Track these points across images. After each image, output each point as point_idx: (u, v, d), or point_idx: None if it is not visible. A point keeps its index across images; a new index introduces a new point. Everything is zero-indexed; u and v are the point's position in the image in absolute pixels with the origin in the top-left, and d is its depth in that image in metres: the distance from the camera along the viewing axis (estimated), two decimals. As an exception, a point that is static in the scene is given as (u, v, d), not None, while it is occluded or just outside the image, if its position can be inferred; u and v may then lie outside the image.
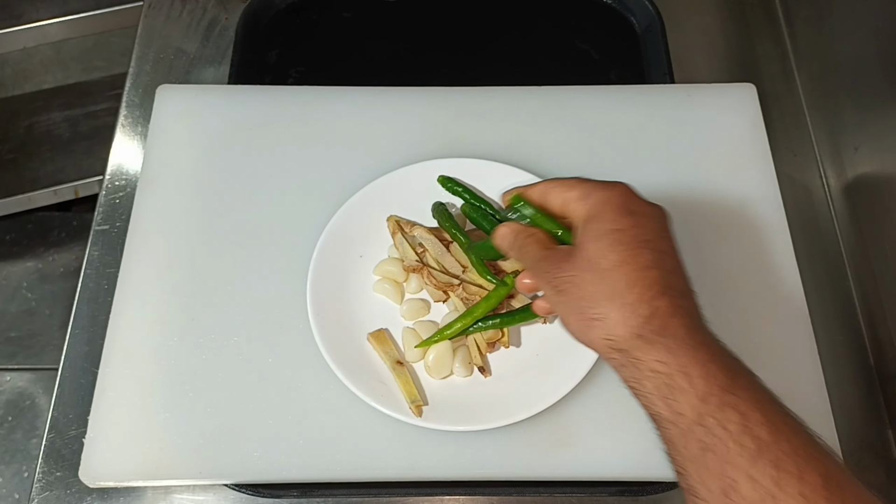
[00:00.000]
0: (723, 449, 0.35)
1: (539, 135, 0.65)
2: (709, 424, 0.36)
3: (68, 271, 1.45)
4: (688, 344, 0.38)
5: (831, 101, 0.70)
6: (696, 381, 0.37)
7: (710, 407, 0.36)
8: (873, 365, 0.61)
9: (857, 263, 0.65)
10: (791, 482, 0.33)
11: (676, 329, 0.38)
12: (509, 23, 0.80)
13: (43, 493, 0.55)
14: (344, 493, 0.54)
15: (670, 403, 0.37)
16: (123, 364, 0.55)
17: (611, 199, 0.43)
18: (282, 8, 0.79)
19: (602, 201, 0.43)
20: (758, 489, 0.34)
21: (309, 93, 0.67)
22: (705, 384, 0.36)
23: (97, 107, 1.36)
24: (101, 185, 0.67)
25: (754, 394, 0.36)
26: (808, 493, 0.33)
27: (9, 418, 1.32)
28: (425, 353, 0.54)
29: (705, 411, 0.36)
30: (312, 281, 0.56)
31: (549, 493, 0.54)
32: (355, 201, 0.59)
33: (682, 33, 0.77)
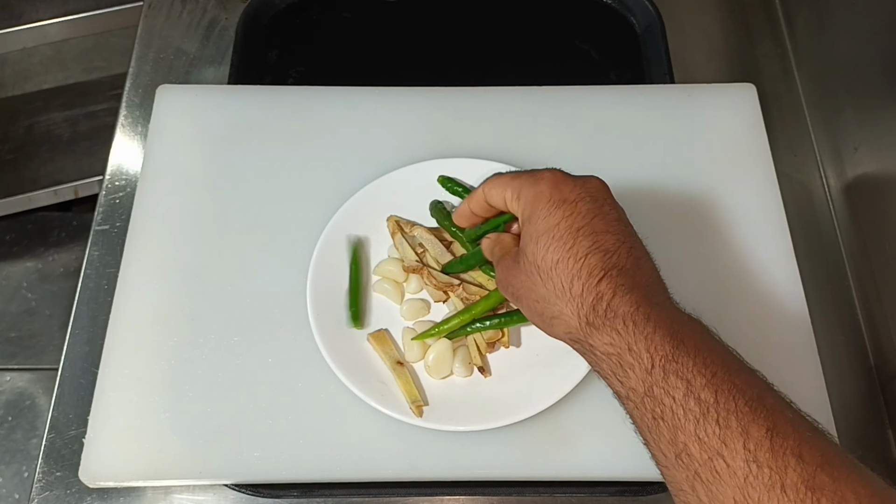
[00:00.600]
0: (671, 415, 0.36)
1: (539, 135, 0.65)
2: (657, 394, 0.37)
3: (68, 271, 1.45)
4: (633, 320, 0.39)
5: (831, 101, 0.70)
6: (642, 354, 0.38)
7: (655, 377, 0.37)
8: (873, 365, 0.61)
9: (857, 263, 0.65)
10: (735, 437, 0.34)
11: (620, 307, 0.40)
12: (509, 23, 0.80)
13: (43, 494, 0.55)
14: (344, 493, 0.54)
15: (623, 381, 0.39)
16: (123, 364, 0.55)
17: (540, 194, 0.44)
18: (282, 8, 0.80)
19: (532, 198, 0.44)
20: (705, 449, 0.35)
21: (309, 93, 0.67)
22: (649, 356, 0.38)
23: (97, 107, 1.36)
24: (101, 185, 0.67)
25: (701, 357, 0.37)
26: (752, 446, 0.33)
27: (9, 418, 1.32)
28: (425, 353, 0.54)
29: (652, 382, 0.37)
30: (312, 281, 0.56)
31: (549, 493, 0.54)
32: (355, 201, 0.59)
33: (682, 33, 0.77)
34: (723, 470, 0.34)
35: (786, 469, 0.33)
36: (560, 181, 0.45)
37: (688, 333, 0.38)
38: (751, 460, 0.33)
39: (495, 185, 0.48)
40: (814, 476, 0.32)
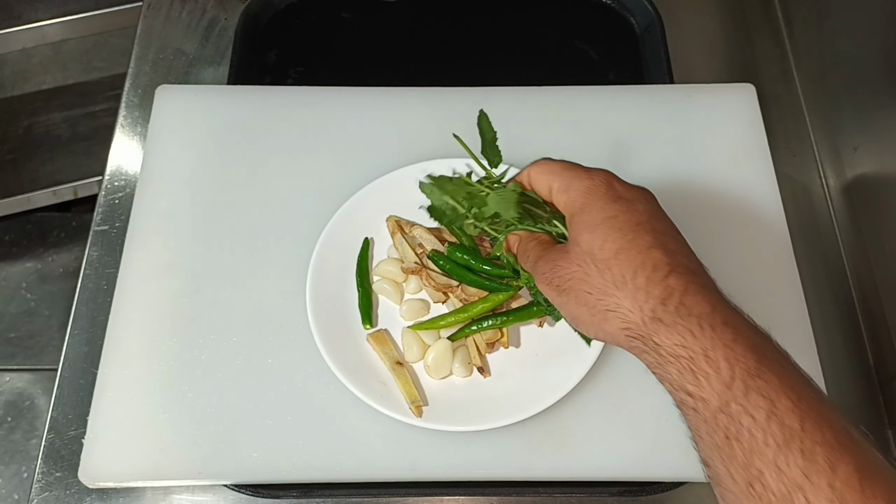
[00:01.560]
0: (748, 437, 0.33)
1: (539, 135, 0.65)
2: (734, 412, 0.33)
3: (67, 272, 1.45)
4: (710, 323, 0.35)
5: (830, 101, 0.71)
6: (721, 364, 0.34)
7: (735, 393, 0.33)
8: (873, 365, 0.61)
9: (857, 263, 0.65)
10: (821, 473, 0.31)
11: (695, 307, 0.36)
12: (509, 23, 0.80)
13: (42, 494, 0.55)
14: (344, 494, 0.54)
15: (694, 389, 0.35)
16: (123, 364, 0.55)
17: (594, 188, 0.42)
18: (281, 8, 0.80)
19: (585, 191, 0.42)
20: (785, 481, 0.31)
21: (308, 93, 0.67)
22: (729, 368, 0.34)
23: (97, 107, 1.36)
24: (101, 186, 0.67)
25: (784, 377, 0.33)
26: (839, 484, 0.30)
27: (8, 419, 1.32)
28: (425, 353, 0.54)
29: (730, 397, 0.33)
30: (312, 281, 0.56)
31: (549, 493, 0.54)
32: (355, 201, 0.59)
33: (681, 34, 0.77)
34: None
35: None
36: (615, 180, 0.43)
37: (767, 348, 0.35)
38: (836, 500, 0.30)
39: (542, 171, 0.45)
40: None
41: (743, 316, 0.37)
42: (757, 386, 0.33)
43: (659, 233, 0.40)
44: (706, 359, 0.35)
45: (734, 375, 0.34)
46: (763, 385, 0.33)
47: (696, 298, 0.36)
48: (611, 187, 0.42)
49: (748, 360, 0.34)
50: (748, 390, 0.33)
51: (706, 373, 0.34)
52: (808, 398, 0.33)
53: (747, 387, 0.33)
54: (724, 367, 0.34)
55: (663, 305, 0.37)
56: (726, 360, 0.34)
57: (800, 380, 0.34)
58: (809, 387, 0.34)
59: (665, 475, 0.53)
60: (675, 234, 0.41)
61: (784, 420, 0.32)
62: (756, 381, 0.33)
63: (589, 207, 0.42)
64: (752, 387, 0.33)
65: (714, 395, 0.34)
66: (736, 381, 0.33)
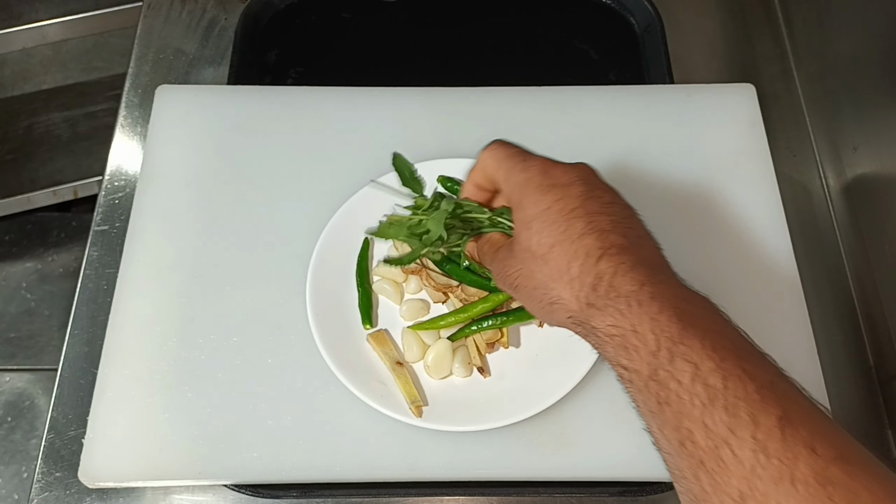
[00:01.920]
0: (676, 401, 0.35)
1: (539, 135, 0.64)
2: (662, 378, 0.35)
3: (67, 272, 1.45)
4: (637, 300, 0.37)
5: (830, 101, 0.71)
6: (647, 336, 0.36)
7: (661, 361, 0.35)
8: (873, 365, 0.61)
9: (857, 263, 0.65)
10: (744, 426, 0.32)
11: (623, 286, 0.38)
12: (509, 23, 0.80)
13: (42, 494, 0.55)
14: (344, 494, 0.54)
15: (627, 363, 0.37)
16: (123, 364, 0.55)
17: (529, 180, 0.43)
18: (281, 8, 0.80)
19: (521, 185, 0.43)
20: (712, 437, 0.33)
21: (308, 93, 0.67)
22: (655, 339, 0.36)
23: (96, 107, 1.36)
24: (101, 186, 0.67)
25: (708, 341, 0.35)
26: (761, 435, 0.32)
27: (8, 419, 1.32)
28: (425, 353, 0.54)
29: (658, 365, 0.36)
30: (312, 281, 0.56)
31: (549, 493, 0.54)
32: (355, 201, 0.59)
33: (681, 34, 0.77)
34: (729, 459, 0.32)
35: (796, 461, 0.31)
36: (549, 166, 0.44)
37: (696, 313, 0.37)
38: (759, 450, 0.32)
39: (489, 162, 0.47)
40: (826, 469, 0.30)
41: (675, 284, 0.39)
42: (681, 352, 0.35)
43: (593, 215, 0.41)
44: (634, 334, 0.37)
45: (660, 345, 0.36)
46: (686, 350, 0.35)
47: (624, 279, 0.38)
48: (545, 175, 0.43)
49: (672, 329, 0.36)
50: (673, 357, 0.35)
51: (636, 346, 0.37)
52: (731, 357, 0.34)
53: (672, 354, 0.35)
54: (651, 338, 0.36)
55: (594, 291, 0.39)
56: (652, 332, 0.36)
57: (728, 340, 0.36)
58: (737, 344, 0.36)
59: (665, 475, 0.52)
60: (611, 210, 0.42)
61: (707, 381, 0.34)
62: (680, 348, 0.35)
63: (525, 202, 0.43)
64: (677, 353, 0.35)
65: (644, 365, 0.36)
66: (661, 349, 0.35)
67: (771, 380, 0.34)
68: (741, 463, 0.32)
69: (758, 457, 0.32)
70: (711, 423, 0.33)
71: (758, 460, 0.31)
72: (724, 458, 0.32)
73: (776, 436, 0.32)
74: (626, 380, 0.38)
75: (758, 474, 0.31)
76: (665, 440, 0.36)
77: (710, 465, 0.33)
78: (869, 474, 0.31)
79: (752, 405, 0.33)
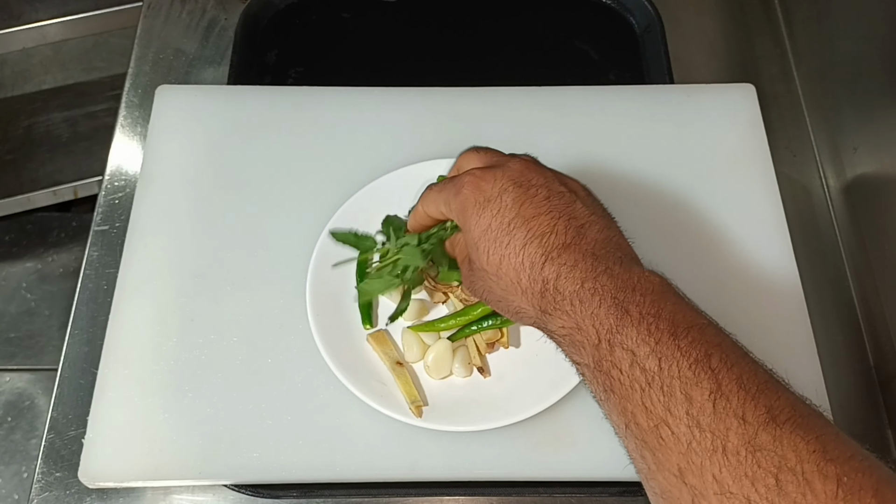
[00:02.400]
0: (619, 387, 0.36)
1: (539, 135, 0.65)
2: (605, 368, 0.37)
3: (68, 272, 1.45)
4: (579, 298, 0.39)
5: (830, 101, 0.71)
6: (588, 331, 0.38)
7: (602, 352, 0.37)
8: (873, 365, 0.61)
9: (857, 263, 0.65)
10: (678, 404, 0.34)
11: (566, 288, 0.40)
12: (509, 23, 0.80)
13: (42, 494, 0.55)
14: (344, 494, 0.54)
15: (578, 358, 0.40)
16: (123, 364, 0.55)
17: (465, 201, 0.44)
18: (281, 8, 0.80)
19: (460, 208, 0.45)
20: (651, 417, 0.35)
21: (308, 93, 0.67)
22: (595, 332, 0.38)
23: (96, 107, 1.36)
24: (101, 186, 0.67)
25: (645, 325, 0.36)
26: (695, 411, 0.33)
27: (8, 419, 1.32)
28: (425, 353, 0.54)
29: (600, 357, 0.37)
30: (312, 281, 0.56)
31: (549, 493, 0.54)
32: (355, 201, 0.59)
33: (681, 34, 0.77)
34: (668, 437, 0.34)
35: (727, 432, 0.32)
36: (479, 179, 0.44)
37: (635, 300, 0.38)
38: (693, 426, 0.33)
39: (430, 201, 0.49)
40: (755, 437, 0.32)
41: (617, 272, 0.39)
42: (619, 341, 0.37)
43: (530, 220, 0.42)
44: (579, 331, 0.39)
45: (600, 338, 0.38)
46: (623, 339, 0.37)
47: (567, 280, 0.40)
48: (478, 191, 0.44)
49: (610, 320, 0.37)
50: (612, 347, 0.37)
51: (581, 342, 0.39)
52: (666, 338, 0.36)
53: (611, 344, 0.37)
54: (592, 332, 0.38)
55: (543, 298, 0.41)
56: (593, 327, 0.38)
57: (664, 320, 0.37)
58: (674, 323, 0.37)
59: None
60: (549, 207, 0.43)
61: (644, 365, 0.35)
62: (617, 337, 0.37)
63: (468, 224, 0.44)
64: (615, 343, 0.37)
65: (590, 358, 0.38)
66: (602, 342, 0.37)
67: (706, 352, 0.35)
68: (679, 440, 0.33)
69: (693, 432, 0.33)
70: (650, 405, 0.35)
71: (693, 435, 0.33)
72: (663, 436, 0.34)
73: (708, 409, 0.33)
74: (580, 374, 0.40)
75: (693, 449, 0.33)
76: (615, 425, 0.38)
77: (652, 443, 0.35)
78: (797, 433, 0.32)
79: (685, 382, 0.34)
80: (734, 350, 0.36)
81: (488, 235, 0.43)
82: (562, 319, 0.40)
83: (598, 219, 0.43)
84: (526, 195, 0.43)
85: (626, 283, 0.39)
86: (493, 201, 0.43)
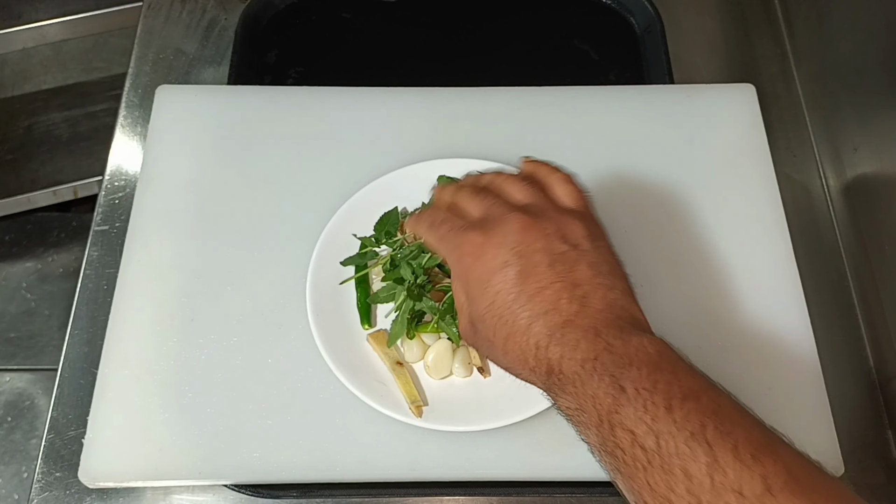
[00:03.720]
0: (624, 467, 0.37)
1: (539, 135, 0.65)
2: (610, 448, 0.38)
3: (68, 272, 1.45)
4: (581, 379, 0.39)
5: (831, 101, 0.70)
6: (591, 412, 0.38)
7: (604, 433, 0.38)
8: (873, 365, 0.61)
9: (857, 263, 0.65)
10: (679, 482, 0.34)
11: (569, 370, 0.40)
12: (509, 23, 0.80)
13: (42, 494, 0.55)
14: (344, 494, 0.54)
15: (585, 438, 0.40)
16: (123, 364, 0.55)
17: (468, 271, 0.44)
18: (281, 8, 0.80)
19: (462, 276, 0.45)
20: (656, 496, 0.35)
21: (308, 93, 0.67)
22: (596, 413, 0.38)
23: (97, 107, 1.36)
24: (101, 186, 0.67)
25: (641, 401, 0.37)
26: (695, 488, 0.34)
27: (8, 419, 1.32)
28: (425, 353, 0.54)
29: (604, 437, 0.38)
30: (312, 281, 0.56)
31: (549, 493, 0.54)
32: (355, 201, 0.59)
33: (681, 34, 0.77)
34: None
35: None
36: (481, 248, 0.43)
37: (631, 376, 0.38)
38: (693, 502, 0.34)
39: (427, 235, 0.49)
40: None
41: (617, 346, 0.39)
42: (618, 421, 0.37)
43: (533, 296, 0.42)
44: (583, 412, 0.39)
45: (601, 419, 0.38)
46: (621, 419, 0.37)
47: (570, 362, 0.40)
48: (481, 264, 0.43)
49: (608, 400, 0.38)
50: (612, 427, 0.37)
51: (586, 422, 0.39)
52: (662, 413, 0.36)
53: (612, 425, 0.37)
54: (594, 413, 0.38)
55: (549, 377, 0.41)
56: (594, 407, 0.38)
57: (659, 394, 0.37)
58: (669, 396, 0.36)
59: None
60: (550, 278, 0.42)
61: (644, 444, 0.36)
62: (616, 417, 0.37)
63: (472, 294, 0.44)
64: (615, 423, 0.37)
65: (595, 438, 0.39)
66: (603, 423, 0.38)
67: (703, 422, 0.35)
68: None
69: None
70: (654, 483, 0.35)
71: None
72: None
73: (707, 485, 0.33)
74: (591, 453, 0.40)
75: None
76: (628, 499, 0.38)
77: None
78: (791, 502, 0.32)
79: (683, 458, 0.34)
80: (731, 415, 0.36)
81: (493, 311, 0.42)
82: (567, 400, 0.40)
83: (602, 279, 0.43)
84: (528, 266, 0.42)
85: (623, 358, 0.39)
86: (497, 275, 0.42)
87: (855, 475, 0.56)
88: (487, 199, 0.47)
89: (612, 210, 0.47)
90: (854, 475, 0.55)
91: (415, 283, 0.52)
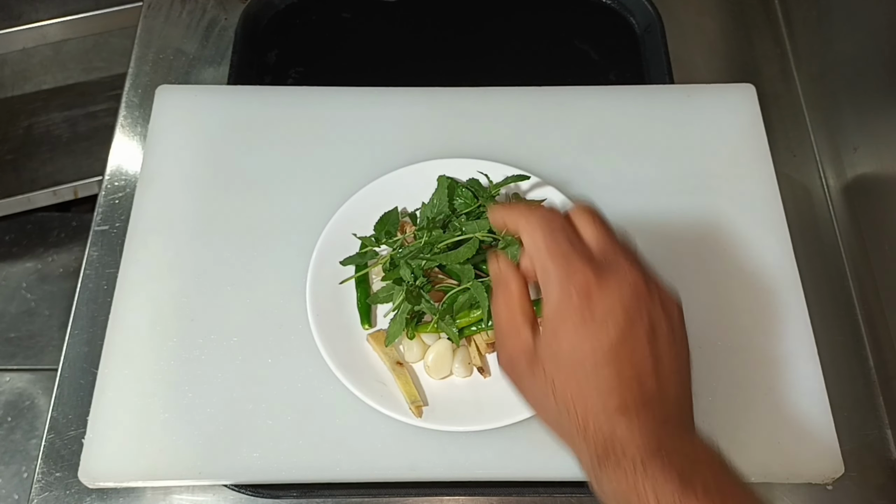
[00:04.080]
0: None
1: (539, 135, 0.65)
2: None
3: (68, 272, 1.45)
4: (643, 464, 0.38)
5: (830, 101, 0.70)
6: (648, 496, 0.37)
7: None
8: (873, 365, 0.61)
9: (857, 263, 0.65)
10: None
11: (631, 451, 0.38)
12: (509, 23, 0.80)
13: (42, 494, 0.55)
14: (344, 494, 0.54)
15: None
16: (123, 364, 0.55)
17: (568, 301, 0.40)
18: (281, 8, 0.80)
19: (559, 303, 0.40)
20: None
21: (308, 93, 0.67)
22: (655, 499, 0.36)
23: (97, 107, 1.36)
24: (101, 186, 0.67)
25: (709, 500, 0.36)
26: None
27: (8, 419, 1.32)
28: (425, 353, 0.54)
29: None
30: (312, 281, 0.56)
31: (549, 493, 0.54)
32: (355, 201, 0.59)
33: (681, 34, 0.77)
34: None
35: None
36: (593, 289, 0.40)
37: (698, 472, 0.37)
38: None
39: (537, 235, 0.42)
40: None
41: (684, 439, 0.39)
42: None
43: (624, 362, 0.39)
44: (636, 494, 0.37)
45: None
46: None
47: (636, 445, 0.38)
48: (587, 302, 0.40)
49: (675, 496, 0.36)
50: None
51: None
52: None
53: None
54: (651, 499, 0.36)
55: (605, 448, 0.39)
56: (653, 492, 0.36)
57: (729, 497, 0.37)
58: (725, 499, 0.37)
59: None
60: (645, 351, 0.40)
61: None
62: None
63: (560, 331, 0.40)
64: None
65: None
66: None
67: None
68: None
69: None
70: None
71: None
72: None
73: None
74: None
75: None
76: None
77: None
78: None
79: None
80: None
81: (576, 357, 0.40)
82: (617, 478, 0.38)
83: (679, 366, 0.42)
84: (630, 328, 0.40)
85: (691, 452, 0.39)
86: (597, 323, 0.39)
87: (855, 475, 0.56)
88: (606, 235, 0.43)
89: (612, 210, 0.47)
90: (854, 475, 0.55)
91: (414, 285, 0.52)
